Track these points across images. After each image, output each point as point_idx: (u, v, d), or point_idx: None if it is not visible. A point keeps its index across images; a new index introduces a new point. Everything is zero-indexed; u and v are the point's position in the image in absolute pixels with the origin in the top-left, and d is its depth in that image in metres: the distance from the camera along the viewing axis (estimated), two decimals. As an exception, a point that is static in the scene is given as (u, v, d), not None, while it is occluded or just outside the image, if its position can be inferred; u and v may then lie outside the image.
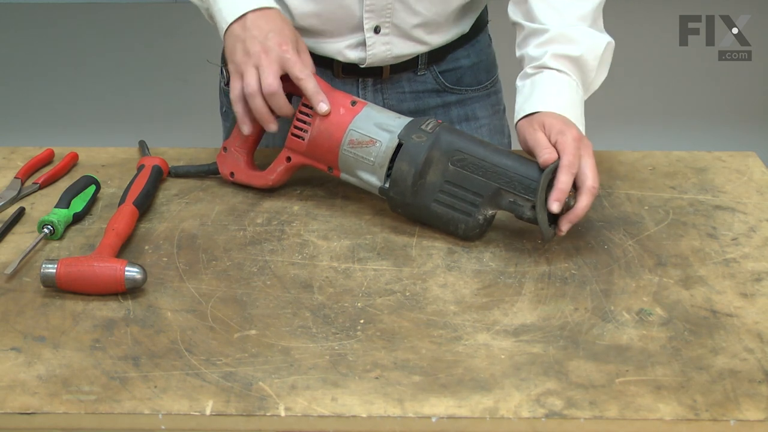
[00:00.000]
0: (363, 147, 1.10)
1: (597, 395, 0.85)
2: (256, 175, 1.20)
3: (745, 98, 2.81)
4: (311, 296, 1.00)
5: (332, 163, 1.13)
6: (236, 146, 1.21)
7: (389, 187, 1.10)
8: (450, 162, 1.07)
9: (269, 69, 1.12)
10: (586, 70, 1.18)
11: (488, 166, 1.06)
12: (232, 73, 1.15)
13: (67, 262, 0.99)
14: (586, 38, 1.19)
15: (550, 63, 1.17)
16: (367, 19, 1.24)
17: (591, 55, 1.18)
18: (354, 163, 1.11)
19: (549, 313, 0.97)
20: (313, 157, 1.15)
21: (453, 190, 1.08)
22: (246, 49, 1.13)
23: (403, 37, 1.27)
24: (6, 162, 1.28)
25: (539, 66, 1.18)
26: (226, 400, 0.85)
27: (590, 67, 1.18)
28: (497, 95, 1.44)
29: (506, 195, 1.06)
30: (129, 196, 1.13)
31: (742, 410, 0.84)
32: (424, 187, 1.08)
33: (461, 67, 1.37)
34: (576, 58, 1.17)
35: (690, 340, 0.93)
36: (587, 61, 1.18)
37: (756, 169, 1.28)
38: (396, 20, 1.25)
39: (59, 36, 2.70)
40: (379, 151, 1.09)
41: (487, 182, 1.06)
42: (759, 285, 1.02)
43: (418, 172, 1.07)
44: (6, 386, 0.87)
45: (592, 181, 1.05)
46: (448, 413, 0.84)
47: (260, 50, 1.12)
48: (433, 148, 1.07)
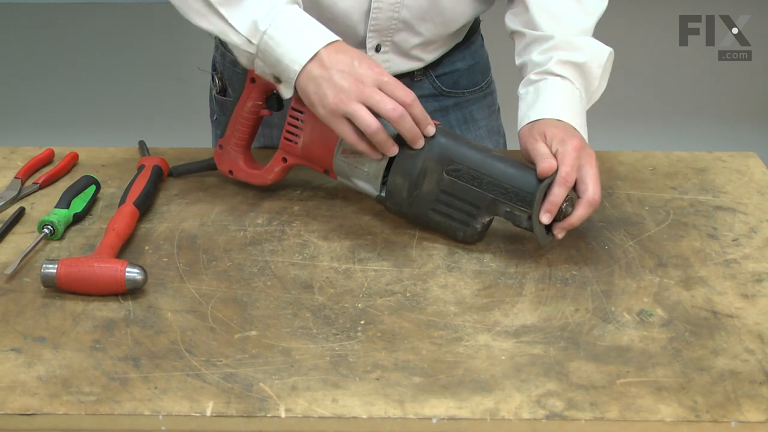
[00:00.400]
0: (356, 157, 1.09)
1: (598, 396, 0.85)
2: (254, 174, 1.19)
3: (745, 98, 2.80)
4: (312, 297, 1.00)
5: (328, 167, 1.13)
6: (232, 144, 1.20)
7: (385, 197, 1.09)
8: (445, 172, 1.06)
9: (379, 96, 1.03)
10: (590, 78, 1.17)
11: (483, 177, 1.05)
12: (329, 120, 1.05)
13: (67, 263, 0.99)
14: (590, 47, 1.18)
15: (555, 69, 1.16)
16: (370, 39, 1.23)
17: (595, 63, 1.17)
18: (349, 171, 1.11)
19: (550, 313, 0.97)
20: (309, 160, 1.14)
21: (449, 200, 1.07)
22: (337, 87, 1.03)
23: (401, 56, 1.27)
24: (6, 162, 1.28)
25: (543, 72, 1.17)
26: (226, 401, 0.85)
27: (594, 75, 1.17)
28: (492, 96, 1.45)
29: (502, 205, 1.05)
30: (129, 196, 1.13)
31: (743, 411, 0.83)
32: (420, 198, 1.08)
33: (457, 70, 1.37)
34: (581, 65, 1.16)
35: (691, 341, 0.93)
36: (591, 68, 1.17)
37: (756, 169, 1.28)
38: (397, 39, 1.25)
39: (59, 36, 2.70)
40: (373, 162, 1.09)
41: (482, 193, 1.05)
42: (760, 286, 1.02)
43: (413, 184, 1.07)
44: (6, 387, 0.86)
45: (592, 193, 1.04)
46: (449, 414, 0.84)
47: (353, 82, 1.03)
48: (427, 158, 1.06)
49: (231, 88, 1.37)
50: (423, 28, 1.25)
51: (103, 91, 2.76)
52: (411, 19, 1.22)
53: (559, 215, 1.04)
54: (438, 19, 1.25)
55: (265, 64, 1.08)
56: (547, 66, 1.16)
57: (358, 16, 1.21)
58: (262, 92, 1.16)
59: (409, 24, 1.23)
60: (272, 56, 1.06)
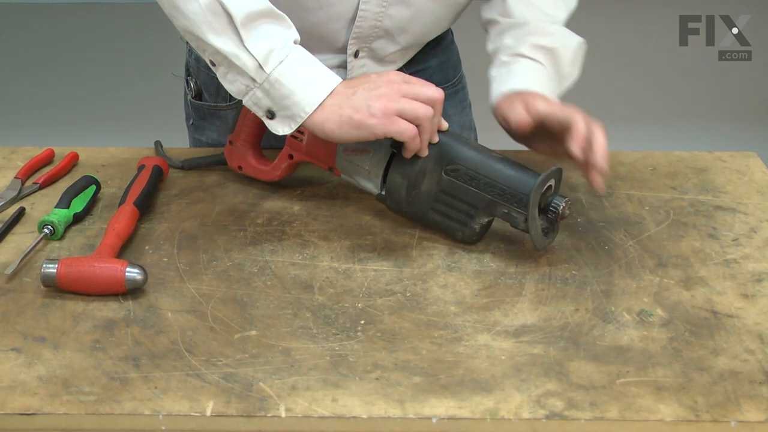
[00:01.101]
0: (357, 155, 1.10)
1: (598, 396, 0.85)
2: (262, 170, 1.20)
3: (745, 98, 2.80)
4: (312, 297, 1.00)
5: (332, 165, 1.14)
6: (241, 140, 1.21)
7: (385, 196, 1.09)
8: (443, 171, 1.06)
9: (413, 90, 1.02)
10: (560, 64, 1.19)
11: (481, 177, 1.05)
12: (383, 127, 1.01)
13: (67, 263, 0.99)
14: (561, 34, 1.22)
15: (526, 52, 1.18)
16: (351, 45, 1.24)
17: (566, 49, 1.20)
18: (351, 169, 1.11)
19: (549, 313, 0.97)
20: (314, 157, 1.15)
21: (448, 199, 1.07)
22: (375, 92, 1.01)
23: (377, 62, 1.28)
24: (6, 162, 1.28)
25: (515, 54, 1.19)
26: (226, 401, 0.85)
27: (565, 61, 1.20)
28: (464, 91, 1.46)
29: (500, 206, 1.05)
30: (129, 196, 1.13)
31: (743, 411, 0.83)
32: (420, 197, 1.08)
33: (430, 68, 1.37)
34: (552, 50, 1.19)
35: (691, 341, 0.93)
36: (562, 54, 1.19)
37: (756, 169, 1.28)
38: (375, 46, 1.25)
39: (59, 36, 2.70)
40: (373, 161, 1.09)
41: (480, 194, 1.05)
42: (760, 286, 1.02)
43: (412, 184, 1.07)
44: (6, 387, 0.86)
45: (596, 123, 1.06)
46: (449, 414, 0.84)
47: (386, 82, 1.02)
48: (427, 158, 1.06)
49: (206, 92, 1.37)
50: (401, 38, 1.25)
51: (103, 91, 2.76)
52: (392, 29, 1.23)
53: (557, 217, 1.04)
54: (418, 30, 1.26)
55: (266, 96, 1.03)
56: (518, 49, 1.19)
57: (343, 23, 1.21)
58: None
59: (389, 33, 1.23)
60: (285, 88, 1.02)
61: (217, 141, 1.37)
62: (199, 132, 1.39)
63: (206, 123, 1.38)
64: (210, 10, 1.02)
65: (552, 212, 1.04)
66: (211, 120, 1.37)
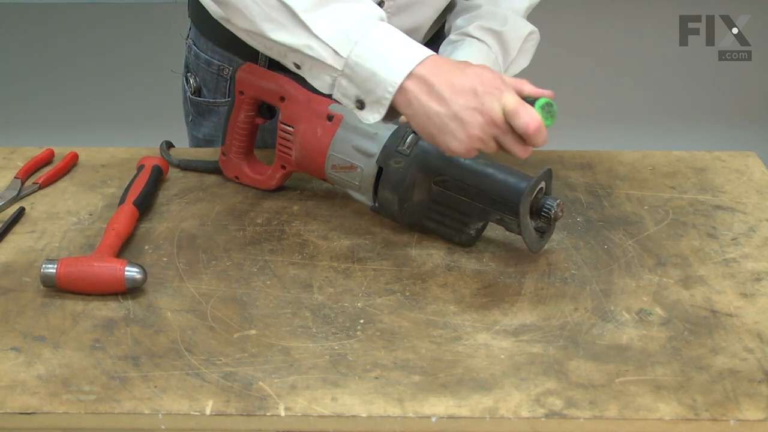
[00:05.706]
0: (346, 171, 1.10)
1: (597, 395, 0.85)
2: (258, 179, 1.20)
3: (745, 98, 2.80)
4: (311, 296, 1.00)
5: (323, 178, 1.13)
6: (233, 152, 1.21)
7: (379, 208, 1.10)
8: (433, 182, 1.06)
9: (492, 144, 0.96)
10: (507, 48, 1.21)
11: (470, 188, 1.04)
12: (488, 97, 0.93)
13: (67, 262, 0.99)
14: (512, 20, 1.23)
15: (473, 32, 1.20)
16: None
17: (514, 35, 1.21)
18: (342, 183, 1.11)
19: (549, 312, 0.97)
20: (305, 170, 1.15)
21: (441, 208, 1.07)
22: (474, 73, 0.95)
23: None
24: (6, 162, 1.28)
25: (463, 33, 1.21)
26: (226, 400, 0.85)
27: (512, 46, 1.21)
28: None
29: (492, 214, 1.05)
30: (129, 196, 1.13)
31: (742, 410, 0.84)
32: (413, 207, 1.08)
33: None
34: (498, 33, 1.20)
35: (690, 340, 0.93)
36: (510, 40, 1.21)
37: (756, 169, 1.28)
38: None
39: (59, 36, 2.70)
40: (362, 177, 1.09)
41: (472, 203, 1.05)
42: (759, 285, 1.02)
43: (402, 197, 1.07)
44: (6, 386, 0.87)
45: None
46: (448, 413, 0.84)
47: (476, 125, 0.94)
48: (414, 171, 1.05)
49: (206, 89, 1.36)
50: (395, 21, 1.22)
51: (103, 91, 2.76)
52: None
53: (549, 218, 1.03)
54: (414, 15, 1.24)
55: (351, 83, 0.96)
56: (466, 29, 1.21)
57: None
58: (253, 104, 1.17)
59: None
60: (365, 70, 0.94)
61: (211, 136, 1.37)
62: (196, 128, 1.39)
63: (203, 119, 1.38)
64: (266, 4, 0.96)
65: (545, 214, 1.04)
66: (208, 116, 1.37)
